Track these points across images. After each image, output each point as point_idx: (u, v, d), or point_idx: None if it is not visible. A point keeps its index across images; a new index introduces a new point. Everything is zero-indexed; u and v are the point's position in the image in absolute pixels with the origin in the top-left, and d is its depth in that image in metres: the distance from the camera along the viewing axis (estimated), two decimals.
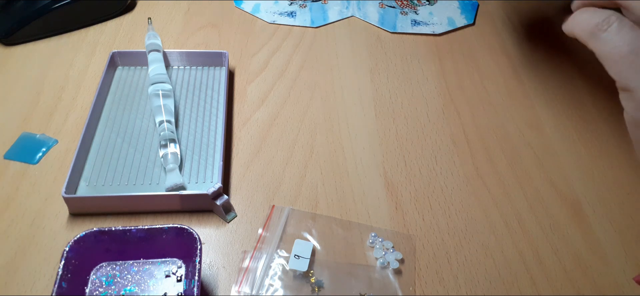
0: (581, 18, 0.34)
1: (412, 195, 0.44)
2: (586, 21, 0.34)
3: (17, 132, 0.47)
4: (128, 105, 0.49)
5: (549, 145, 0.49)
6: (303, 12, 0.63)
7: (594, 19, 0.33)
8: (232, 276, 0.38)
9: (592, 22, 0.33)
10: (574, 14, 0.35)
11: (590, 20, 0.33)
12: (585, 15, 0.34)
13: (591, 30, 0.33)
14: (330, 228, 0.41)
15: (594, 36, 0.33)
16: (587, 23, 0.34)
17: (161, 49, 0.52)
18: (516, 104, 0.53)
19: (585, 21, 0.34)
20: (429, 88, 0.54)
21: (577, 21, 0.35)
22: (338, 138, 0.48)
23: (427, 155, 0.47)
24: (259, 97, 0.52)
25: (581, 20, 0.34)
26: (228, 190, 0.44)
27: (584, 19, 0.34)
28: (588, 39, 0.34)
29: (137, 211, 0.41)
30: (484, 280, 0.39)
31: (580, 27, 0.34)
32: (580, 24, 0.34)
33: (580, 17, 0.34)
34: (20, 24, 0.55)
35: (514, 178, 0.46)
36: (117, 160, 0.44)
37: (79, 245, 0.35)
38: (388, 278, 0.38)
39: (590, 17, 0.34)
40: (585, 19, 0.34)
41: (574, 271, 0.39)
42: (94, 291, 0.35)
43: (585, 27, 0.34)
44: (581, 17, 0.34)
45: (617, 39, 0.32)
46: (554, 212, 0.43)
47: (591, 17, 0.34)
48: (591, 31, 0.33)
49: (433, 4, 0.65)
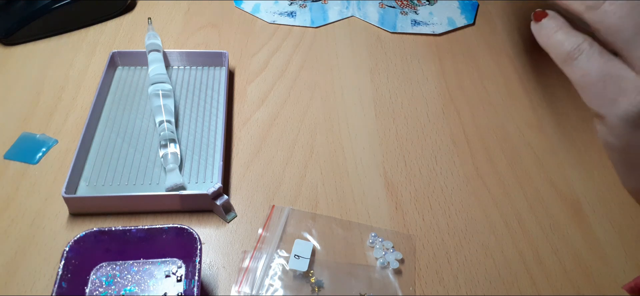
0: (555, 40, 0.35)
1: (412, 195, 0.44)
2: (559, 46, 0.35)
3: (17, 132, 0.47)
4: (128, 105, 0.49)
5: (549, 145, 0.49)
6: (303, 12, 0.63)
7: (566, 45, 0.34)
8: (232, 276, 0.38)
9: (565, 49, 0.34)
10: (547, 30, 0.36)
11: (563, 46, 0.34)
12: (559, 38, 0.35)
13: (563, 57, 0.34)
14: (330, 228, 0.41)
15: (566, 63, 0.34)
16: (561, 48, 0.34)
17: (161, 49, 0.52)
18: (516, 104, 0.53)
19: (558, 46, 0.35)
20: (429, 89, 0.54)
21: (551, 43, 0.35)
22: (338, 138, 0.48)
23: (427, 155, 0.47)
24: (259, 97, 0.52)
25: (555, 44, 0.35)
26: (228, 190, 0.44)
27: (558, 43, 0.35)
28: (561, 64, 0.35)
29: (137, 211, 0.41)
30: (484, 280, 0.39)
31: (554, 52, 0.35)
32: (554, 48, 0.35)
33: (555, 40, 0.35)
34: (20, 24, 0.55)
35: (514, 178, 0.46)
36: (117, 160, 0.44)
37: (79, 245, 0.35)
38: (388, 278, 0.38)
39: (563, 40, 0.34)
40: (558, 43, 0.35)
41: (574, 271, 0.39)
42: (94, 291, 0.35)
43: (558, 53, 0.35)
44: (555, 40, 0.35)
45: (587, 66, 0.33)
46: (554, 212, 0.43)
47: (564, 40, 0.34)
48: (563, 58, 0.34)
49: (433, 4, 0.65)
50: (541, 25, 0.36)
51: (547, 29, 0.36)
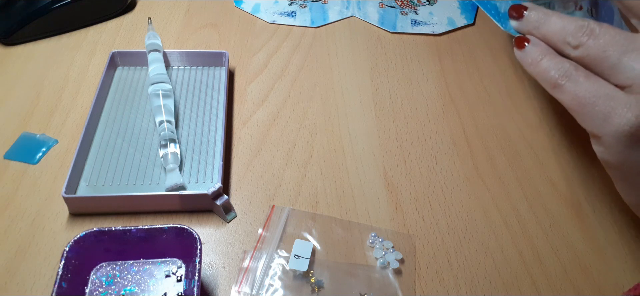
0: (542, 68, 0.36)
1: (412, 195, 0.44)
2: (546, 73, 0.36)
3: (17, 132, 0.47)
4: (128, 105, 0.49)
5: (549, 145, 0.49)
6: (303, 12, 0.63)
7: (552, 72, 0.35)
8: (232, 276, 0.38)
9: (552, 75, 0.35)
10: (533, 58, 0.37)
11: (550, 73, 0.35)
12: (545, 65, 0.36)
13: (552, 84, 0.36)
14: (330, 228, 0.41)
15: (556, 89, 0.36)
16: (547, 75, 0.36)
17: (161, 48, 0.52)
18: (516, 104, 0.53)
19: (545, 73, 0.36)
20: (429, 88, 0.54)
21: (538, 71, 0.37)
22: (338, 138, 0.48)
23: (427, 155, 0.47)
24: (259, 97, 0.52)
25: (542, 71, 0.36)
26: (228, 190, 0.44)
27: (545, 71, 0.36)
28: (551, 90, 0.36)
29: (137, 211, 0.41)
30: (484, 280, 0.39)
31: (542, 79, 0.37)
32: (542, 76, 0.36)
33: (541, 67, 0.36)
34: (20, 24, 0.55)
35: (514, 178, 0.46)
36: (117, 160, 0.44)
37: (79, 245, 0.35)
38: (388, 278, 0.38)
39: (549, 67, 0.36)
40: (545, 71, 0.36)
41: (574, 271, 0.39)
42: (94, 291, 0.35)
43: (546, 79, 0.36)
44: (542, 67, 0.36)
45: (575, 90, 0.34)
46: (554, 212, 0.43)
47: (550, 68, 0.36)
48: (552, 85, 0.36)
49: (433, 4, 0.65)
50: (526, 52, 0.37)
51: (532, 56, 0.37)
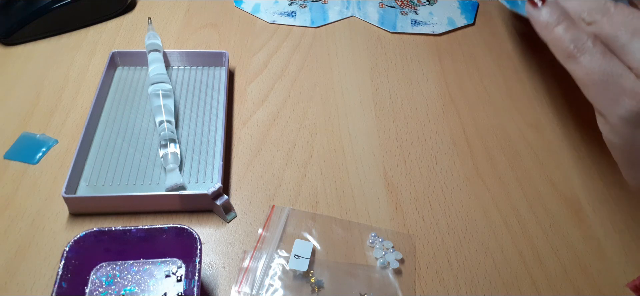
0: (556, 35, 0.34)
1: (412, 195, 0.44)
2: (561, 42, 0.34)
3: (17, 132, 0.47)
4: (128, 105, 0.49)
5: (549, 145, 0.49)
6: (303, 12, 0.63)
7: (568, 41, 0.33)
8: (232, 276, 0.38)
9: (567, 45, 0.33)
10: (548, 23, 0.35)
11: (565, 43, 0.34)
12: (560, 33, 0.34)
13: (566, 54, 0.34)
14: (330, 228, 0.41)
15: (569, 59, 0.34)
16: (562, 44, 0.34)
17: (161, 48, 0.52)
18: (516, 104, 0.53)
19: (560, 42, 0.34)
20: (429, 88, 0.54)
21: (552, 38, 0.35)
22: (338, 138, 0.48)
23: (427, 155, 0.47)
24: (259, 97, 0.52)
25: (557, 39, 0.34)
26: (228, 190, 0.44)
27: (559, 38, 0.34)
28: (563, 60, 0.34)
29: (137, 211, 0.41)
30: (484, 280, 0.39)
31: (556, 47, 0.34)
32: (556, 44, 0.34)
33: (556, 34, 0.34)
34: (20, 24, 0.55)
35: (514, 178, 0.46)
36: (117, 160, 0.44)
37: (79, 245, 0.35)
38: (388, 278, 0.38)
39: (565, 36, 0.34)
40: (560, 39, 0.34)
41: (574, 271, 0.39)
42: (94, 291, 0.35)
43: (560, 49, 0.34)
44: (556, 34, 0.34)
45: (590, 65, 0.33)
46: (554, 212, 0.43)
47: (566, 37, 0.34)
48: (566, 55, 0.34)
49: (433, 4, 0.65)
50: (541, 15, 0.36)
51: (546, 19, 0.35)
